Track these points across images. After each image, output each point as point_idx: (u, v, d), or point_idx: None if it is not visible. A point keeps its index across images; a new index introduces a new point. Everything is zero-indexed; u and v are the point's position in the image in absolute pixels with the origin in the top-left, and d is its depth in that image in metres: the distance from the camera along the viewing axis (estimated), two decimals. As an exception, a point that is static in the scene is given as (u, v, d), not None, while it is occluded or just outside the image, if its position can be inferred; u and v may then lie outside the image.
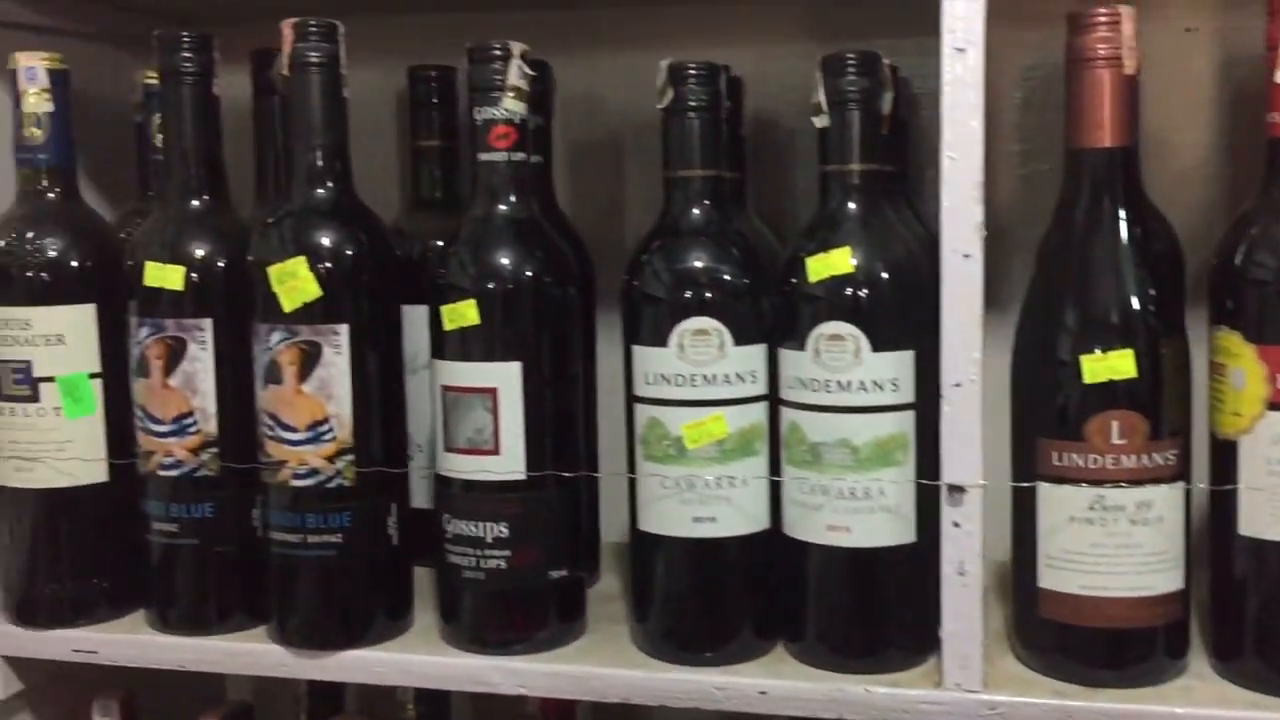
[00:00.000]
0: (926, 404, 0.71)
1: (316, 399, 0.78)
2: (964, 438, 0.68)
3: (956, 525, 0.68)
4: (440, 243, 0.90)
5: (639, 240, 0.77)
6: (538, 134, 0.87)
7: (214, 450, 0.81)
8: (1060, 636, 0.71)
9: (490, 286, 0.76)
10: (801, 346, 0.72)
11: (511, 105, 0.76)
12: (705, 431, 0.73)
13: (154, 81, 0.91)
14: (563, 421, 0.78)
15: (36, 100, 0.81)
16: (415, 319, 0.82)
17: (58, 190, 0.83)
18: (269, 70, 0.91)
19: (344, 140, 0.80)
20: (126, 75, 0.95)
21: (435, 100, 0.94)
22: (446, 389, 0.77)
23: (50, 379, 0.82)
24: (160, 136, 0.91)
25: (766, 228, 0.91)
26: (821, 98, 0.72)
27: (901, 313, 0.71)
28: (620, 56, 0.99)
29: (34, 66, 0.81)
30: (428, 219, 0.93)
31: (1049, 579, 0.70)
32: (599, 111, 0.99)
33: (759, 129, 0.95)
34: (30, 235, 0.82)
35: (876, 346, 0.71)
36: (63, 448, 0.82)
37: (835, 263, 0.71)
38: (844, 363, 0.71)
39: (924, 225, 0.85)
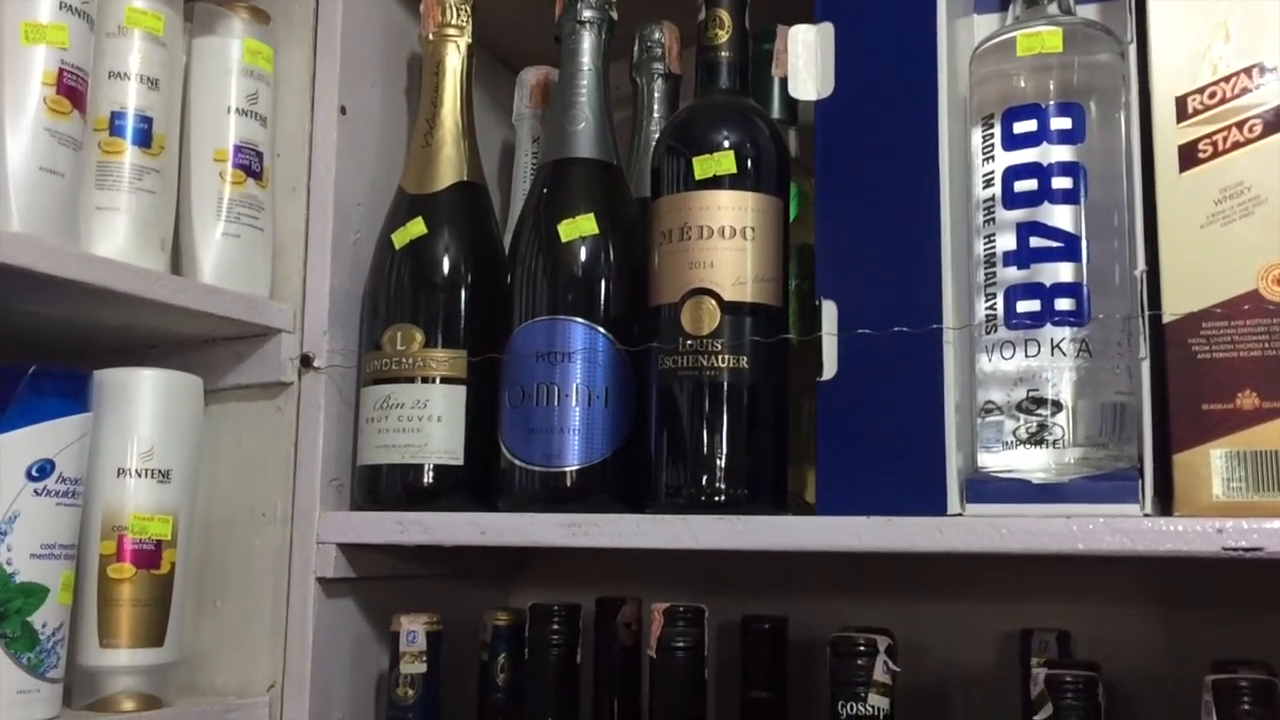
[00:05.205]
0: None
1: None
2: None
3: None
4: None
5: None
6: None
7: None
8: None
9: None
10: None
11: (876, 701, 0.77)
12: None
13: (502, 624, 0.98)
14: None
15: (411, 663, 0.87)
16: None
17: (418, 747, 0.87)
18: (614, 619, 0.96)
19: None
20: (463, 598, 1.01)
21: (768, 652, 0.96)
22: None
23: None
24: (503, 677, 0.96)
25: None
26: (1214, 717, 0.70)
27: None
28: (946, 606, 0.99)
29: (415, 630, 0.87)
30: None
31: None
32: (923, 662, 0.99)
33: None
34: (392, 797, 0.85)
35: None
36: None
37: None
38: None
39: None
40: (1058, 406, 0.76)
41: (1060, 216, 0.75)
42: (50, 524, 0.74)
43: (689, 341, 0.81)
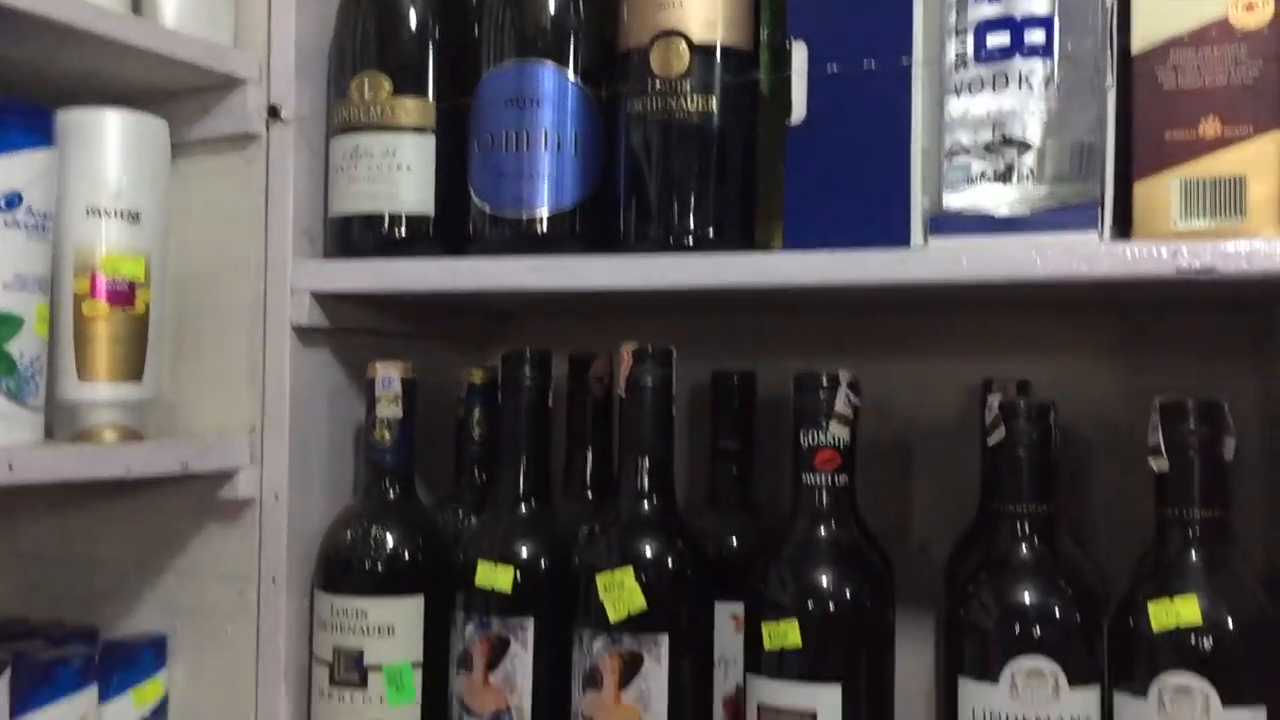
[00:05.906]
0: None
1: (634, 709, 0.79)
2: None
3: None
4: (734, 541, 0.94)
5: (963, 568, 0.78)
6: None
7: (525, 749, 0.83)
8: None
9: (813, 609, 0.77)
10: (1143, 694, 0.70)
11: (837, 431, 0.80)
12: (1038, 777, 0.72)
13: (478, 381, 1.00)
14: (879, 749, 0.78)
15: (388, 407, 0.89)
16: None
17: (397, 488, 0.90)
18: (586, 374, 0.98)
19: (670, 457, 0.84)
20: (442, 362, 1.03)
21: (737, 404, 0.99)
22: (763, 708, 0.78)
23: (378, 667, 0.86)
24: (479, 430, 0.99)
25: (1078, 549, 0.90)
26: (1160, 442, 0.73)
27: (1253, 666, 0.69)
28: (911, 362, 1.02)
29: (390, 376, 0.89)
30: (725, 519, 0.96)
31: None
32: (889, 416, 1.02)
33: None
34: (372, 530, 0.88)
35: (1226, 701, 0.68)
36: (383, 736, 0.86)
37: (1181, 612, 0.69)
38: (1192, 717, 0.69)
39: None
40: (1026, 146, 0.76)
41: (1035, -54, 0.74)
42: (22, 255, 0.74)
43: (658, 84, 0.81)
